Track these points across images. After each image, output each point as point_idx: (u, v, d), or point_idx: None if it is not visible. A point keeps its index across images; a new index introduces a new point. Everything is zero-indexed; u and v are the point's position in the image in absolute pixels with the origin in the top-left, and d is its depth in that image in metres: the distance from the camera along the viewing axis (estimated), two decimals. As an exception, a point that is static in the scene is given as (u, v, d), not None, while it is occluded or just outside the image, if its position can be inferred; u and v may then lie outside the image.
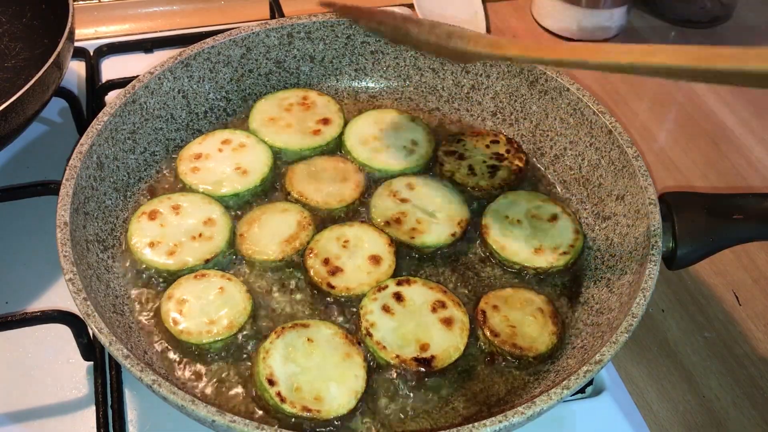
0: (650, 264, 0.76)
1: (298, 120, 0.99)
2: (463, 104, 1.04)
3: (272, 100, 1.01)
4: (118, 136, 0.89)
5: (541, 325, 0.80)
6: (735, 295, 0.96)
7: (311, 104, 1.01)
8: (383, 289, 0.81)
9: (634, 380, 0.87)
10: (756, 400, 0.86)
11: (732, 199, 0.83)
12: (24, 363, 0.84)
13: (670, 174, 1.11)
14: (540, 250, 0.87)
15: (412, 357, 0.76)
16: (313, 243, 0.86)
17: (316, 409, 0.72)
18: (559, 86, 0.95)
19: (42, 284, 0.91)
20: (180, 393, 0.64)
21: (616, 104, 1.22)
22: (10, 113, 0.87)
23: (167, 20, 1.32)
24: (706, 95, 1.24)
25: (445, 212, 0.90)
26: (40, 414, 0.80)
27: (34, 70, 0.89)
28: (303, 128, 0.98)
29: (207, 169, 0.92)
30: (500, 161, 0.96)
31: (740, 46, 0.58)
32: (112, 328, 0.70)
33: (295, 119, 0.99)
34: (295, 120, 0.99)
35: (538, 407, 0.65)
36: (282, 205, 0.90)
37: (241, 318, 0.79)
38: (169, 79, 0.95)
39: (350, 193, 0.92)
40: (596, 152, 0.92)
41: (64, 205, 0.78)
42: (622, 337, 0.70)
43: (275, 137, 0.96)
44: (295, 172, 0.94)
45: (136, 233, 0.85)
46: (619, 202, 0.87)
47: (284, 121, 0.99)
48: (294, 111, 1.00)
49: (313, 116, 0.99)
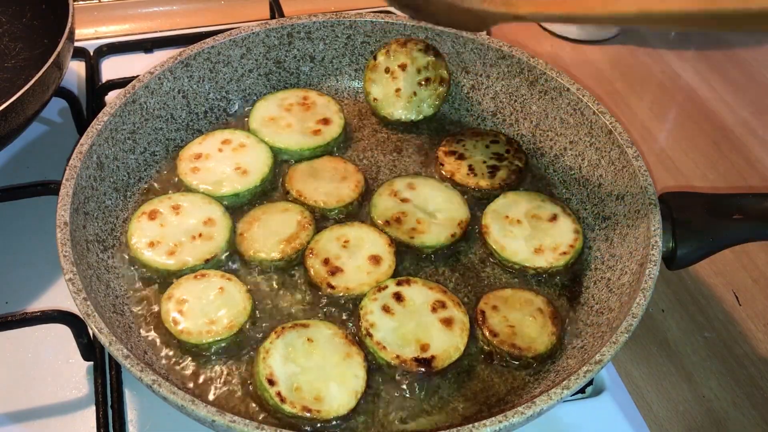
0: (650, 264, 0.76)
1: (298, 120, 0.99)
2: (463, 104, 1.04)
3: (272, 100, 1.01)
4: (118, 136, 0.89)
5: (541, 326, 0.80)
6: (735, 295, 0.96)
7: (311, 104, 1.01)
8: (383, 289, 0.81)
9: (634, 380, 0.87)
10: (756, 400, 0.86)
11: (732, 199, 0.83)
12: (24, 363, 0.84)
13: (670, 174, 1.11)
14: (540, 250, 0.87)
15: (412, 357, 0.76)
16: (313, 243, 0.86)
17: (316, 409, 0.72)
18: (559, 86, 0.95)
19: (42, 284, 0.91)
20: (180, 393, 0.64)
21: (616, 104, 1.22)
22: (10, 113, 0.87)
23: (167, 20, 1.32)
24: (706, 95, 1.24)
25: (445, 212, 0.90)
26: (40, 414, 0.80)
27: (34, 70, 0.89)
28: (303, 128, 0.98)
29: (207, 169, 0.92)
30: (500, 161, 0.96)
31: (740, 46, 0.59)
32: (112, 328, 0.70)
33: (295, 119, 0.99)
34: (295, 120, 0.99)
35: (538, 407, 0.65)
36: (282, 204, 0.90)
37: (241, 318, 0.79)
38: (169, 79, 0.95)
39: (348, 193, 0.92)
40: (596, 152, 0.92)
41: (64, 205, 0.78)
42: (622, 337, 0.70)
43: (275, 137, 0.96)
44: (295, 171, 0.94)
45: (136, 233, 0.85)
46: (619, 202, 0.87)
47: (284, 121, 0.99)
48: (294, 111, 1.00)
49: (313, 116, 0.99)
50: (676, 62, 1.30)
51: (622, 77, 1.27)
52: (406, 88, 0.99)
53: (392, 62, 1.00)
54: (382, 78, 1.00)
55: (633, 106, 1.22)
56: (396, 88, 1.00)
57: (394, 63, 1.00)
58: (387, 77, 1.00)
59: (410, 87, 1.00)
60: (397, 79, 1.00)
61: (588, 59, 1.31)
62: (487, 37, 1.00)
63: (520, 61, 0.98)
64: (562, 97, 0.95)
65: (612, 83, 1.26)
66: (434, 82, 1.00)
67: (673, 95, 1.25)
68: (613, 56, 1.31)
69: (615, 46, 1.33)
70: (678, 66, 1.29)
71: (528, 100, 0.99)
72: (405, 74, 1.00)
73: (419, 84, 1.00)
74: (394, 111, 1.00)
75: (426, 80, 1.00)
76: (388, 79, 1.00)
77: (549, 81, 0.96)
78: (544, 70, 0.96)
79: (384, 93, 1.00)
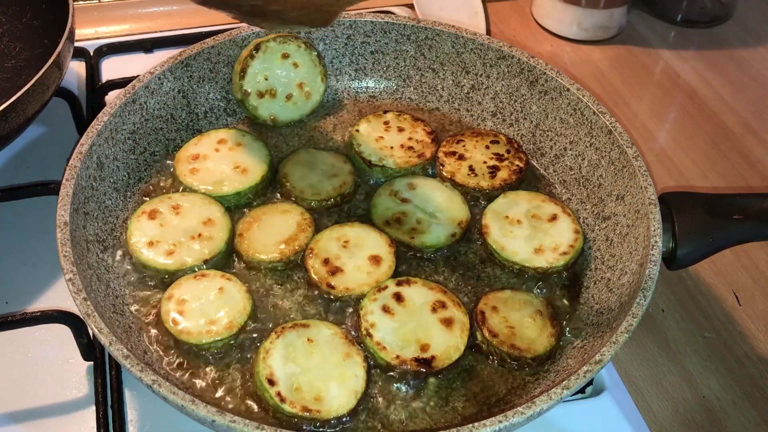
0: (650, 264, 0.76)
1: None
2: (463, 104, 1.04)
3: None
4: (118, 136, 0.89)
5: (540, 327, 0.80)
6: (735, 295, 0.96)
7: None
8: (383, 289, 0.81)
9: (634, 380, 0.87)
10: (756, 400, 0.86)
11: (732, 199, 0.83)
12: (24, 363, 0.84)
13: (670, 174, 1.11)
14: (540, 250, 0.87)
15: (412, 357, 0.76)
16: (313, 243, 0.86)
17: (316, 409, 0.72)
18: (559, 86, 0.95)
19: (42, 284, 0.91)
20: (180, 393, 0.64)
21: (616, 104, 1.22)
22: (10, 113, 0.87)
23: (167, 20, 1.32)
24: (706, 95, 1.24)
25: (445, 212, 0.90)
26: (40, 414, 0.80)
27: (34, 70, 0.89)
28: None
29: (206, 170, 0.92)
30: (501, 161, 0.96)
31: (740, 46, 0.58)
32: (112, 328, 0.70)
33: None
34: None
35: (538, 407, 0.65)
36: (283, 206, 0.90)
37: (241, 318, 0.79)
38: (169, 79, 0.95)
39: (328, 190, 0.91)
40: (596, 152, 0.92)
41: (64, 205, 0.78)
42: (622, 337, 0.70)
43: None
44: (296, 156, 0.95)
45: (135, 232, 0.85)
46: (619, 202, 0.87)
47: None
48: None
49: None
50: (676, 62, 1.30)
51: (622, 77, 1.27)
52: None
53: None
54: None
55: (633, 106, 1.22)
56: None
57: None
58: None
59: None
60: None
61: (588, 59, 1.31)
62: (487, 37, 1.00)
63: (520, 61, 0.98)
64: (562, 97, 0.95)
65: (612, 83, 1.26)
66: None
67: (673, 95, 1.25)
68: (613, 56, 1.31)
69: (615, 46, 1.33)
70: (678, 66, 1.29)
71: (528, 100, 0.99)
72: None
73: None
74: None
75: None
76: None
77: (549, 81, 0.96)
78: (544, 70, 0.96)
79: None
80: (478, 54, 1.01)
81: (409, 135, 0.98)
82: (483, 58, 1.01)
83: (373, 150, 0.96)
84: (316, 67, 1.00)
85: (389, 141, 0.97)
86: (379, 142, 0.97)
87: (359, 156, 0.96)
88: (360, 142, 0.97)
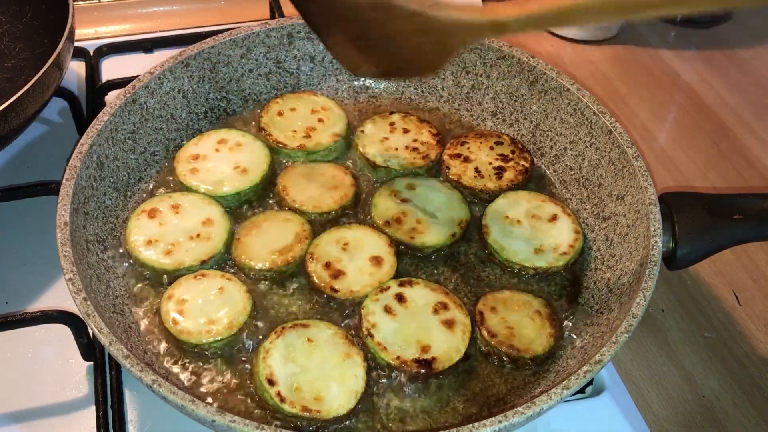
0: (650, 264, 0.76)
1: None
2: (463, 104, 1.04)
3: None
4: (118, 136, 0.89)
5: (539, 327, 0.80)
6: (735, 295, 0.96)
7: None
8: (385, 290, 0.81)
9: (634, 380, 0.87)
10: (756, 400, 0.86)
11: (732, 199, 0.83)
12: (24, 363, 0.84)
13: (670, 174, 1.11)
14: (540, 250, 0.87)
15: (412, 358, 0.76)
16: (313, 247, 0.85)
17: (316, 409, 0.72)
18: (559, 86, 0.95)
19: (42, 284, 0.91)
20: (180, 393, 0.64)
21: (616, 104, 1.22)
22: (10, 113, 0.87)
23: (167, 20, 1.32)
24: (706, 95, 1.24)
25: (445, 212, 0.90)
26: (40, 414, 0.80)
27: (34, 70, 0.89)
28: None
29: (206, 170, 0.92)
30: (506, 162, 0.96)
31: (740, 46, 0.58)
32: (112, 328, 0.70)
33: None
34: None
35: (538, 407, 0.65)
36: (284, 214, 0.89)
37: (241, 318, 0.79)
38: (169, 79, 0.95)
39: (329, 203, 0.90)
40: (596, 152, 0.92)
41: (64, 205, 0.78)
42: (622, 337, 0.70)
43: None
44: (294, 168, 0.94)
45: (134, 231, 0.85)
46: (619, 202, 0.87)
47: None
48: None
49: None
50: (676, 62, 1.30)
51: (622, 77, 1.27)
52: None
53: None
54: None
55: (633, 106, 1.22)
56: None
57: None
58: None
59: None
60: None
61: (588, 59, 1.31)
62: (487, 37, 1.00)
63: (520, 61, 0.98)
64: (562, 97, 0.95)
65: (612, 83, 1.26)
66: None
67: (673, 95, 1.25)
68: (613, 56, 1.31)
69: (615, 46, 1.33)
70: (678, 66, 1.29)
71: (528, 100, 0.99)
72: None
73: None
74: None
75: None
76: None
77: (549, 81, 0.96)
78: (544, 70, 0.96)
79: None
80: (478, 54, 1.01)
81: (415, 137, 0.98)
82: (483, 58, 1.01)
83: (378, 151, 0.96)
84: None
85: (394, 142, 0.97)
86: (384, 143, 0.97)
87: (364, 157, 0.96)
88: (365, 143, 0.97)
